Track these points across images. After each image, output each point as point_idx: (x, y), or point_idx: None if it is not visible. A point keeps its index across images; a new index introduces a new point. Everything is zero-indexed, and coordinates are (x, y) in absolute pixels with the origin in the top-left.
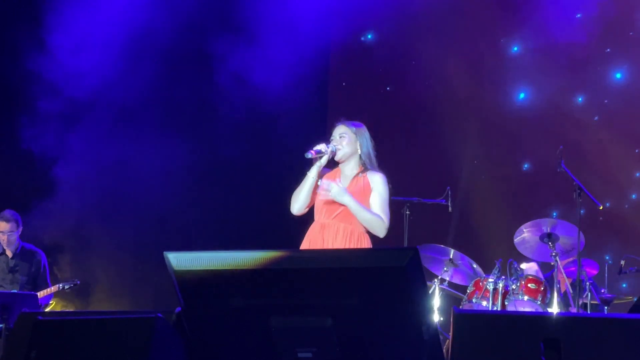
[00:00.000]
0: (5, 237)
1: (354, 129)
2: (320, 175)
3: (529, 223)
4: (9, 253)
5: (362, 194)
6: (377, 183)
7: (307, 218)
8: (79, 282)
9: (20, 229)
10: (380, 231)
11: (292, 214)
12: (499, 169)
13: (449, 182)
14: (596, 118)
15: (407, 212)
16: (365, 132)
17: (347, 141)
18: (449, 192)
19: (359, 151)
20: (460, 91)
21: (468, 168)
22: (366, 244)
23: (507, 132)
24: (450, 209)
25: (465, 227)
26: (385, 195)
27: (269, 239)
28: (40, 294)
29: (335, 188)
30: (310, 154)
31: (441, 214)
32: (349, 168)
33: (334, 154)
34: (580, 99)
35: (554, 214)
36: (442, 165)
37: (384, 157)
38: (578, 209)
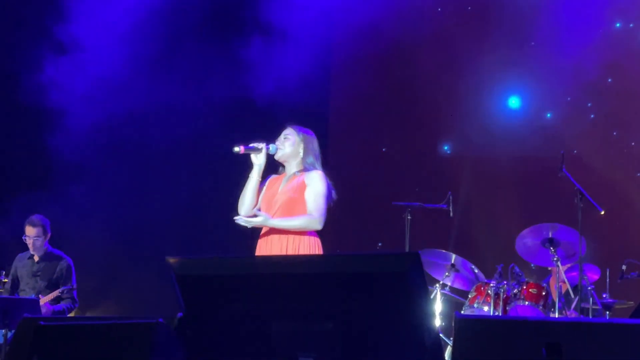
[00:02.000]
0: (31, 242)
1: (301, 134)
2: (262, 179)
3: (530, 228)
4: (36, 258)
5: (295, 191)
6: (312, 179)
7: None
8: (74, 285)
9: (49, 235)
10: (315, 226)
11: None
12: (500, 174)
13: (450, 187)
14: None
15: (409, 217)
16: (312, 140)
17: (289, 142)
18: (450, 197)
19: (301, 154)
20: (462, 96)
21: (469, 173)
22: (306, 244)
23: (509, 138)
24: (451, 213)
25: (467, 232)
26: (318, 189)
27: None
28: (43, 300)
29: (258, 219)
30: (238, 148)
31: (442, 219)
32: (291, 169)
33: (269, 152)
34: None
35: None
36: (443, 170)
37: (386, 161)
38: (579, 214)
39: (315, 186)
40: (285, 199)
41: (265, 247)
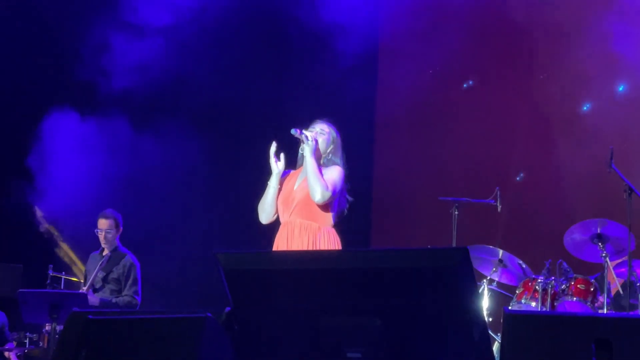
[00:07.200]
0: (102, 234)
1: (334, 132)
2: (281, 177)
3: (578, 223)
4: (105, 251)
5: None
6: (330, 169)
7: None
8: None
9: (120, 229)
10: (317, 193)
11: (261, 224)
12: (548, 169)
13: (498, 182)
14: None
15: (456, 213)
16: (339, 139)
17: (324, 139)
18: (498, 192)
19: (327, 152)
20: (509, 90)
21: (517, 168)
22: (325, 239)
23: (557, 132)
24: (499, 209)
25: (514, 227)
26: (334, 175)
27: None
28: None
29: (309, 144)
30: (296, 131)
31: (490, 214)
32: None
33: (307, 144)
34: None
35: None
36: (491, 165)
37: (433, 157)
38: (629, 210)
39: (332, 172)
40: (303, 195)
41: (283, 237)
